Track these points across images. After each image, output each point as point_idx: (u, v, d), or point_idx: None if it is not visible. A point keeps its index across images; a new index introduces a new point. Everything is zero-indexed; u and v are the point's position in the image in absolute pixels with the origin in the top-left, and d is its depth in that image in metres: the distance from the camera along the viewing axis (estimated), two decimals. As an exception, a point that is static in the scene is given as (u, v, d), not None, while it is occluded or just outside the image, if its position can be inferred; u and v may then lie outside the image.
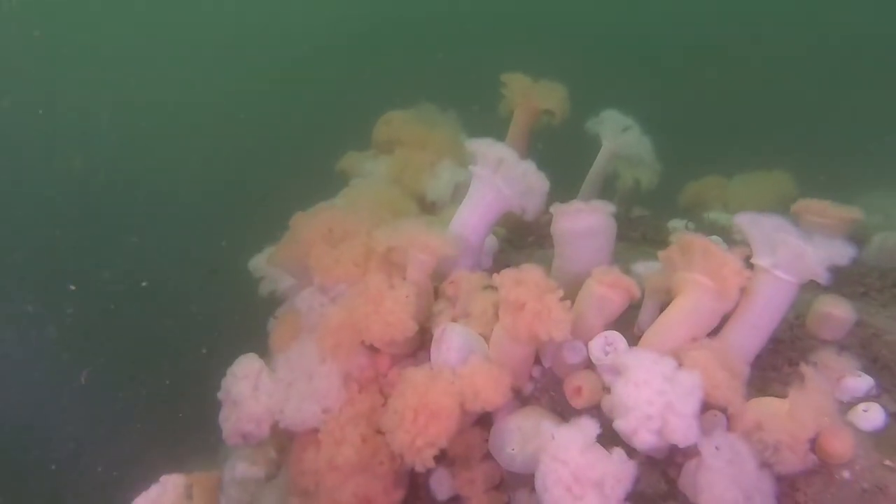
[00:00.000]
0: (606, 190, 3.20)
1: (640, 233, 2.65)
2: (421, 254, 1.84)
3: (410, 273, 1.88)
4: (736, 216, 1.69)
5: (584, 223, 1.78)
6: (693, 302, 1.52)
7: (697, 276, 1.51)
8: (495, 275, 1.60)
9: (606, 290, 1.60)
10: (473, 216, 2.00)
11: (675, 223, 2.81)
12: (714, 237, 2.35)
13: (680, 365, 1.42)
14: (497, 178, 1.90)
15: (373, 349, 1.88)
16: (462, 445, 1.75)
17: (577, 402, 1.62)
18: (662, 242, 2.62)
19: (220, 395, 2.02)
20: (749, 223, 1.56)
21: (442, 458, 1.69)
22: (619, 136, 2.84)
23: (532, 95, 2.88)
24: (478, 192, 1.97)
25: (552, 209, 1.84)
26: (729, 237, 3.41)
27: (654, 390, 1.36)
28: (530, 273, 1.58)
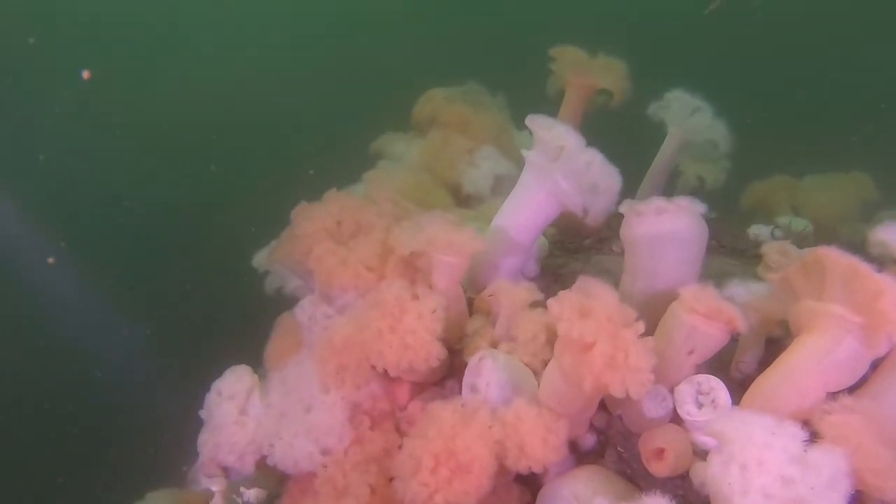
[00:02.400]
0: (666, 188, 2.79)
1: (715, 240, 2.21)
2: (445, 255, 1.45)
3: (436, 280, 1.49)
4: (877, 229, 1.25)
5: (668, 228, 1.36)
6: (829, 344, 1.09)
7: (838, 308, 1.08)
8: (550, 300, 1.19)
9: (701, 321, 1.18)
10: (522, 213, 1.60)
11: (758, 229, 2.37)
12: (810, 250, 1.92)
13: (813, 436, 1.00)
14: (555, 170, 1.49)
15: (388, 375, 1.49)
16: (496, 508, 1.36)
17: (658, 469, 1.21)
18: (745, 252, 2.20)
19: (202, 413, 1.67)
20: None
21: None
22: (687, 119, 2.40)
23: (587, 72, 2.46)
24: (530, 185, 1.57)
25: (622, 208, 1.43)
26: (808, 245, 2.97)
27: (774, 477, 0.94)
28: (600, 300, 1.16)
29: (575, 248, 2.05)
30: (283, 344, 1.74)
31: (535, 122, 1.57)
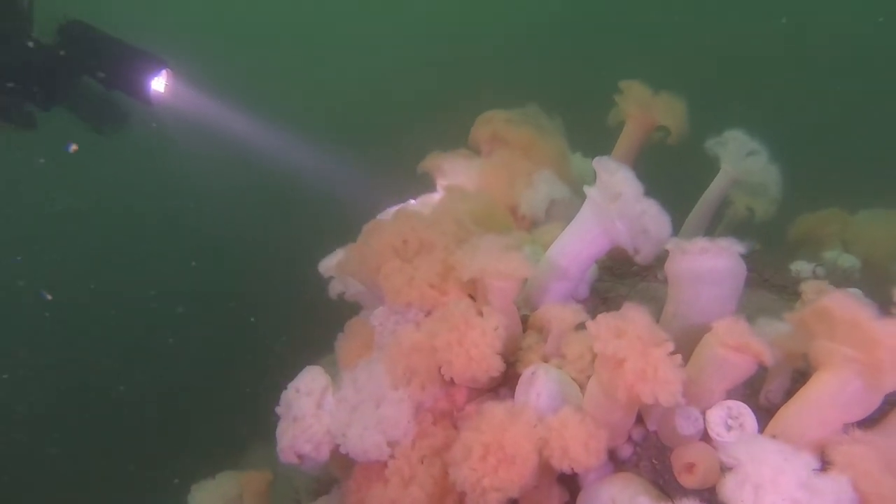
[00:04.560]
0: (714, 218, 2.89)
1: (758, 273, 2.32)
2: (497, 281, 1.64)
3: (492, 300, 1.68)
4: None
5: (709, 266, 1.52)
6: (840, 381, 1.23)
7: (845, 349, 1.22)
8: (589, 323, 1.37)
9: (731, 353, 1.34)
10: (577, 244, 1.78)
11: (800, 266, 2.45)
12: (849, 290, 2.01)
13: (826, 464, 1.14)
14: (612, 210, 1.66)
15: (450, 380, 1.70)
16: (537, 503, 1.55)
17: (687, 481, 1.37)
18: (786, 288, 2.29)
19: (278, 409, 1.91)
20: None
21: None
22: (742, 160, 2.51)
23: (650, 108, 2.61)
24: (587, 220, 1.75)
25: (668, 245, 1.59)
26: (854, 283, 2.98)
27: (784, 498, 1.09)
28: (633, 322, 1.34)
29: (622, 274, 2.21)
30: (354, 347, 1.96)
31: (600, 164, 1.74)
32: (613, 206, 1.69)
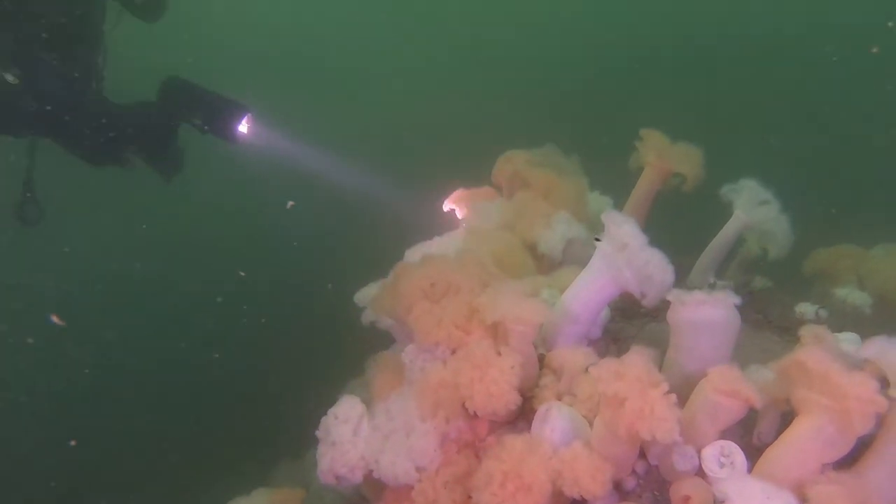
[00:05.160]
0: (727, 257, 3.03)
1: (763, 314, 2.47)
2: (515, 325, 1.84)
3: (511, 342, 1.88)
4: (865, 346, 1.52)
5: (705, 316, 1.69)
6: (816, 426, 1.39)
7: (818, 397, 1.38)
8: (592, 367, 1.56)
9: (723, 397, 1.51)
10: (588, 290, 1.97)
11: (804, 308, 2.58)
12: (847, 334, 2.15)
13: (804, 501, 1.30)
14: (619, 259, 1.85)
15: (473, 413, 1.89)
16: (552, 528, 1.72)
17: (682, 512, 1.54)
18: (789, 329, 2.43)
19: (318, 433, 2.12)
20: (881, 354, 1.40)
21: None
22: (754, 208, 2.67)
23: (666, 157, 2.80)
24: (598, 268, 1.94)
25: (670, 296, 1.77)
26: (865, 320, 3.08)
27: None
28: (632, 366, 1.52)
29: (632, 315, 2.38)
30: (387, 379, 2.17)
31: (609, 217, 1.93)
32: (621, 256, 1.87)
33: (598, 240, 1.99)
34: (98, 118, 2.97)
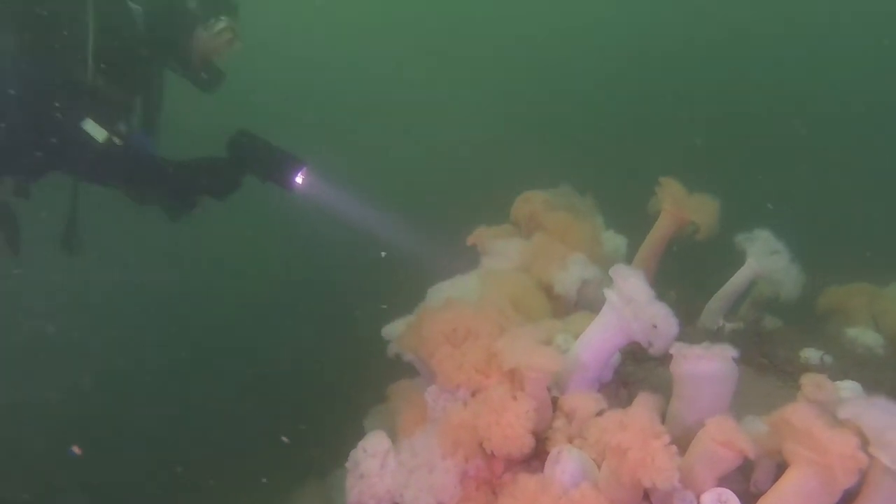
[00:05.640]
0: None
1: (768, 359, 2.59)
2: (531, 373, 2.00)
3: (527, 387, 2.04)
4: (842, 407, 1.63)
5: (705, 370, 1.84)
6: (802, 479, 1.53)
7: (804, 451, 1.51)
8: (597, 418, 1.71)
9: (718, 447, 1.65)
10: (599, 339, 2.13)
11: (809, 353, 2.70)
12: (847, 383, 2.26)
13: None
14: (627, 312, 2.01)
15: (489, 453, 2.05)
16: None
17: (682, 552, 1.67)
18: (792, 374, 2.55)
19: (347, 464, 2.29)
20: (856, 416, 1.52)
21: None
22: (766, 258, 2.82)
23: (682, 206, 2.95)
24: (607, 318, 2.10)
25: (672, 349, 1.92)
26: (875, 362, 3.17)
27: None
28: (636, 417, 1.67)
29: (642, 359, 2.53)
30: (412, 417, 2.34)
31: (617, 272, 2.09)
32: (628, 309, 2.03)
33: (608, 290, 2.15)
34: (175, 171, 3.34)
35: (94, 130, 3.07)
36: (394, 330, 3.06)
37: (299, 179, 3.39)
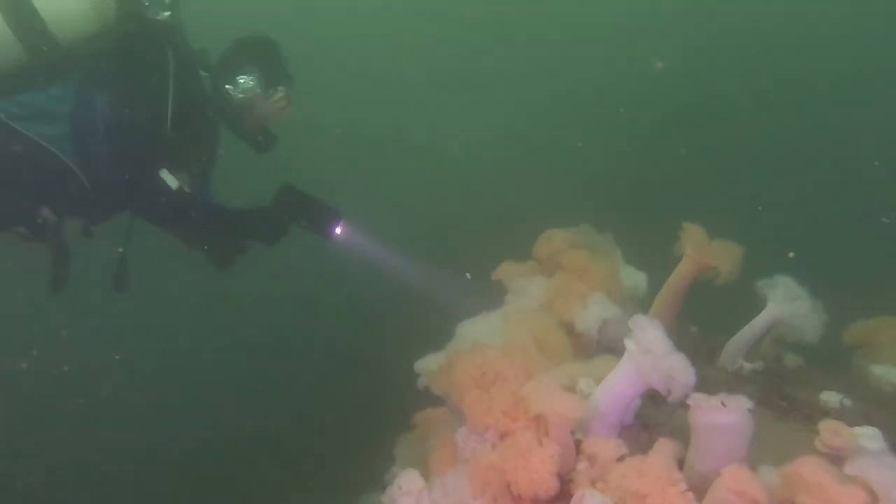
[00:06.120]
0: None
1: (787, 402, 2.67)
2: (555, 418, 2.12)
3: (552, 432, 2.17)
4: (849, 464, 1.72)
5: (721, 422, 1.95)
6: (819, 530, 1.63)
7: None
8: (618, 466, 1.83)
9: (734, 496, 1.76)
10: (619, 386, 2.25)
11: (829, 396, 2.76)
12: (866, 429, 2.33)
13: None
14: (645, 362, 2.13)
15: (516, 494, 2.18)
16: None
17: None
18: (812, 418, 2.62)
19: (384, 499, 2.44)
20: (863, 472, 1.62)
21: None
22: (788, 304, 2.89)
23: (704, 252, 3.05)
24: (626, 368, 2.22)
25: (690, 400, 2.03)
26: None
27: None
28: (654, 465, 1.80)
29: (662, 401, 2.63)
30: (443, 456, 2.48)
31: (636, 323, 2.21)
32: (647, 359, 2.15)
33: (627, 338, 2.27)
34: (232, 217, 3.77)
35: (169, 179, 3.50)
36: (425, 365, 3.21)
37: (338, 230, 3.75)
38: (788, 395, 2.74)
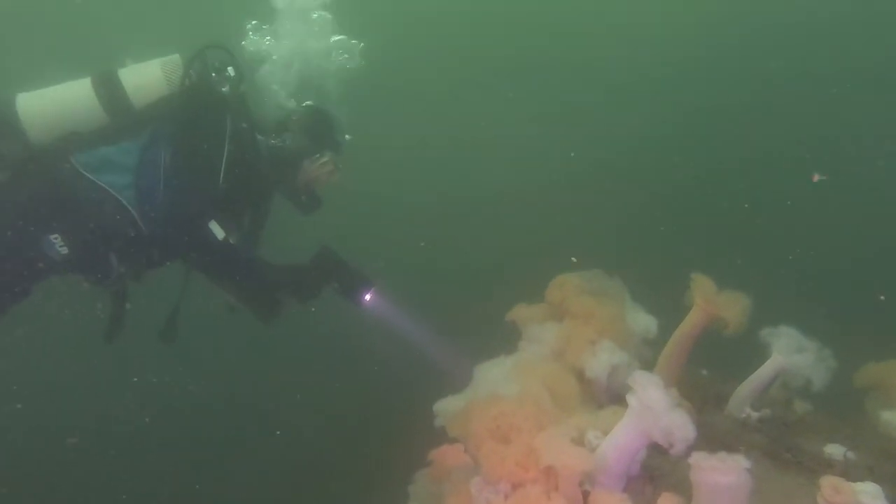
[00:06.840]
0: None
1: (792, 454, 2.74)
2: (564, 470, 2.25)
3: (561, 484, 2.29)
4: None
5: (720, 481, 2.06)
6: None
7: None
8: None
9: (733, 555, 1.87)
10: (623, 440, 2.37)
11: (833, 449, 2.82)
12: (867, 485, 2.40)
13: None
14: (647, 417, 2.26)
15: (527, 544, 2.30)
16: None
17: None
18: (815, 471, 2.68)
19: None
20: None
21: None
22: (792, 354, 2.97)
23: (712, 303, 3.15)
24: (630, 423, 2.35)
25: (691, 459, 2.15)
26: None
27: None
28: None
29: (666, 450, 2.73)
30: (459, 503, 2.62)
31: (636, 380, 2.34)
32: (648, 415, 2.28)
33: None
34: (272, 273, 4.05)
35: (217, 230, 3.77)
36: (444, 407, 3.35)
37: (367, 297, 4.05)
38: (794, 447, 2.81)
